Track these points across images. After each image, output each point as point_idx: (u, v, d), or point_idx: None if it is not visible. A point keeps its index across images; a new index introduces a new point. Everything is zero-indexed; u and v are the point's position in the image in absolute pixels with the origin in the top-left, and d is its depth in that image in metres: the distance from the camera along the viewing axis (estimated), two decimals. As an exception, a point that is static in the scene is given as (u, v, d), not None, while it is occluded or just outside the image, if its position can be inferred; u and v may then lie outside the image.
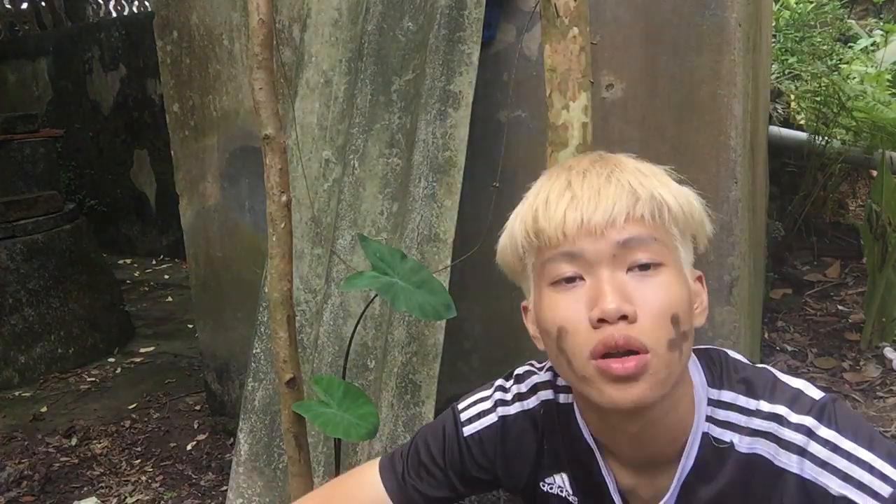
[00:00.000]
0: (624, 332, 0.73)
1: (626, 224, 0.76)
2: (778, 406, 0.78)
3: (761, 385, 0.81)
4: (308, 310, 2.01)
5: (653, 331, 0.74)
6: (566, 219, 0.77)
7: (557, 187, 0.81)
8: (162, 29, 2.55)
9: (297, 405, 1.47)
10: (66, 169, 6.05)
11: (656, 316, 0.74)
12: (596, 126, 1.34)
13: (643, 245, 0.76)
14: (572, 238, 0.77)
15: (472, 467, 0.96)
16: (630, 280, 0.76)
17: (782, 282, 3.46)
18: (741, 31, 1.74)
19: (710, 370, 0.84)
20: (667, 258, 0.78)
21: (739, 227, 1.82)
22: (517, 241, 0.83)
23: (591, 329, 0.75)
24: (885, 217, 2.82)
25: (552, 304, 0.79)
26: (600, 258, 0.76)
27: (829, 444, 0.74)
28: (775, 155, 3.61)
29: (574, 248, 0.77)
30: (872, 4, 5.21)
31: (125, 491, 2.45)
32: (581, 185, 0.79)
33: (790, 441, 0.76)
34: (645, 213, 0.77)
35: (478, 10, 1.86)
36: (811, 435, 0.75)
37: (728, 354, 0.86)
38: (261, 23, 1.38)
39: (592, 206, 0.77)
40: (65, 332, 3.66)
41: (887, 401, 2.57)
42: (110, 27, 5.82)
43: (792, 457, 0.76)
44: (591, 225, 0.76)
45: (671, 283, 0.77)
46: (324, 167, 2.04)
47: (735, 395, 0.81)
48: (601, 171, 0.80)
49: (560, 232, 0.77)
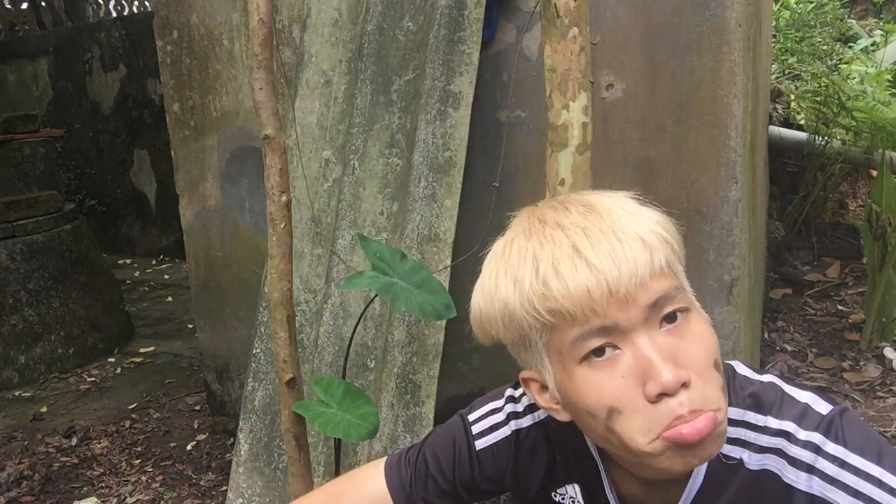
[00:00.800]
0: (689, 405, 0.69)
1: (653, 282, 0.70)
2: (786, 422, 0.77)
3: (769, 400, 0.80)
4: (308, 310, 2.01)
5: (708, 387, 0.70)
6: (591, 292, 0.69)
7: (563, 255, 0.71)
8: (162, 29, 2.55)
9: (297, 405, 1.47)
10: (66, 169, 6.05)
11: (705, 370, 0.71)
12: (596, 126, 1.34)
13: (671, 299, 0.72)
14: (603, 312, 0.70)
15: (481, 480, 0.95)
16: (667, 339, 0.71)
17: (782, 282, 3.46)
18: (741, 31, 1.74)
19: None
20: (689, 301, 0.74)
21: (739, 227, 1.82)
22: (517, 317, 0.74)
23: (650, 405, 0.69)
24: (885, 217, 2.82)
25: (593, 384, 0.72)
26: (634, 325, 0.70)
27: (838, 461, 0.74)
28: (775, 155, 3.61)
29: (607, 321, 0.70)
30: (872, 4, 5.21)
31: (125, 491, 2.45)
32: (591, 248, 0.71)
33: (798, 458, 0.75)
34: (662, 263, 0.71)
35: (478, 10, 1.86)
36: (819, 451, 0.75)
37: (735, 369, 0.85)
38: (261, 23, 1.38)
39: (616, 272, 0.69)
40: (65, 332, 3.66)
41: (887, 401, 2.57)
42: (110, 27, 5.82)
43: (801, 474, 0.75)
44: (620, 294, 0.69)
45: (703, 328, 0.73)
46: (324, 167, 2.04)
47: (743, 412, 0.80)
48: (601, 227, 0.72)
49: (587, 309, 0.70)
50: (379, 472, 0.99)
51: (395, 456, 1.01)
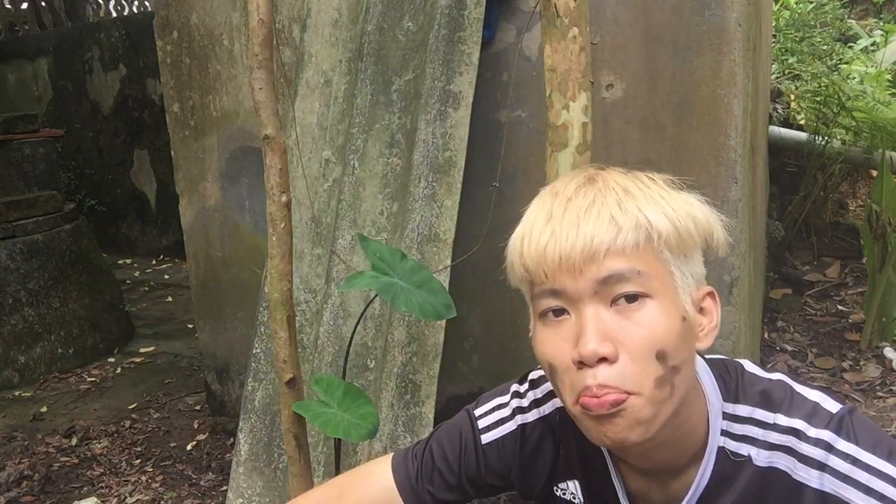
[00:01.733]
0: (601, 378, 0.72)
1: (607, 259, 0.73)
2: (795, 420, 0.78)
3: (778, 398, 0.80)
4: (308, 310, 2.01)
5: (636, 371, 0.72)
6: (546, 256, 0.74)
7: (540, 219, 0.77)
8: (162, 29, 2.55)
9: (297, 405, 1.47)
10: (66, 169, 6.05)
11: (639, 355, 0.72)
12: (596, 126, 1.34)
13: (625, 280, 0.73)
14: (552, 276, 0.74)
15: (487, 474, 0.96)
16: (613, 316, 0.73)
17: (782, 282, 3.46)
18: (741, 31, 1.74)
19: (725, 383, 0.83)
20: (654, 288, 0.74)
21: (739, 227, 1.82)
22: (513, 269, 0.80)
23: (575, 369, 0.73)
24: (885, 217, 2.82)
25: (542, 338, 0.78)
26: (582, 295, 0.74)
27: (850, 458, 0.74)
28: (775, 155, 3.61)
29: (556, 285, 0.74)
30: (872, 4, 5.21)
31: (125, 491, 2.45)
32: (562, 216, 0.75)
33: (809, 456, 0.76)
34: (627, 244, 0.73)
35: (478, 10, 1.86)
36: (831, 449, 0.75)
37: (744, 367, 0.85)
38: (261, 23, 1.38)
39: (570, 241, 0.73)
40: (65, 332, 3.66)
41: (887, 401, 2.57)
42: (110, 27, 5.82)
43: (812, 471, 0.76)
44: (569, 263, 0.73)
45: (657, 317, 0.73)
46: (324, 167, 2.04)
47: (752, 409, 0.80)
48: (584, 199, 0.76)
49: (542, 270, 0.75)
50: (386, 466, 0.99)
51: (402, 451, 1.01)
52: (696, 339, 0.78)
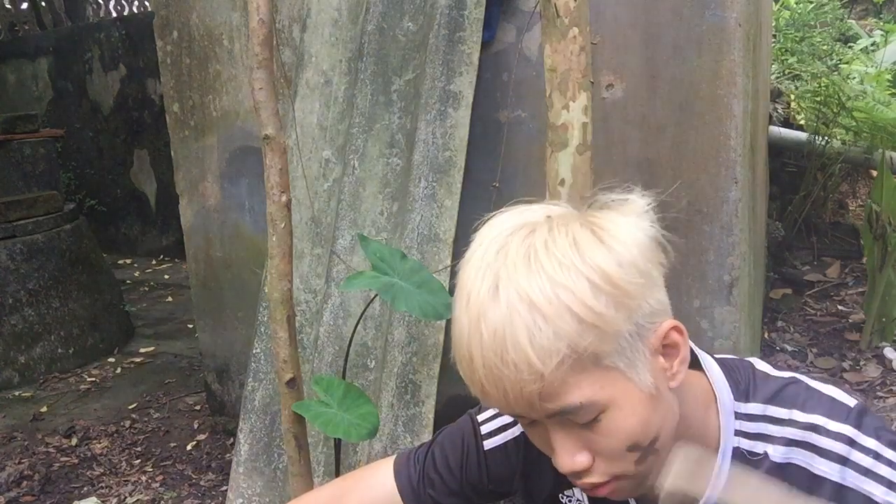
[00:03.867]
0: (585, 480, 0.73)
1: (543, 403, 0.67)
2: (814, 416, 0.77)
3: (792, 394, 0.80)
4: (308, 310, 2.01)
5: (615, 464, 0.72)
6: (488, 399, 0.70)
7: (463, 343, 0.69)
8: (162, 29, 2.55)
9: (297, 405, 1.47)
10: (66, 169, 6.04)
11: (614, 455, 0.71)
12: (596, 126, 1.34)
13: (572, 413, 0.69)
14: (502, 410, 0.73)
15: (489, 480, 0.95)
16: (579, 430, 0.71)
17: (782, 282, 3.46)
18: (741, 31, 1.74)
19: (735, 383, 0.83)
20: (607, 398, 0.68)
21: (739, 227, 1.82)
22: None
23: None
24: (885, 217, 2.82)
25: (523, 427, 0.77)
26: (539, 418, 0.71)
27: (872, 453, 0.75)
28: (775, 155, 3.61)
29: (511, 413, 0.72)
30: (872, 4, 5.21)
31: (125, 491, 2.45)
32: (480, 355, 0.67)
33: (830, 450, 0.76)
34: (556, 383, 0.66)
35: (478, 10, 1.86)
36: (853, 444, 0.75)
37: (754, 365, 0.85)
38: (261, 23, 1.38)
39: (502, 394, 0.68)
40: (65, 332, 3.66)
41: (887, 401, 2.57)
42: (110, 27, 5.82)
43: (833, 465, 0.75)
44: (510, 411, 0.71)
45: (621, 423, 0.70)
46: (324, 167, 2.04)
47: (764, 406, 0.80)
48: (495, 330, 0.66)
49: (490, 405, 0.72)
50: (388, 468, 0.99)
51: (404, 453, 1.01)
52: (667, 384, 0.74)
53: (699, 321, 1.87)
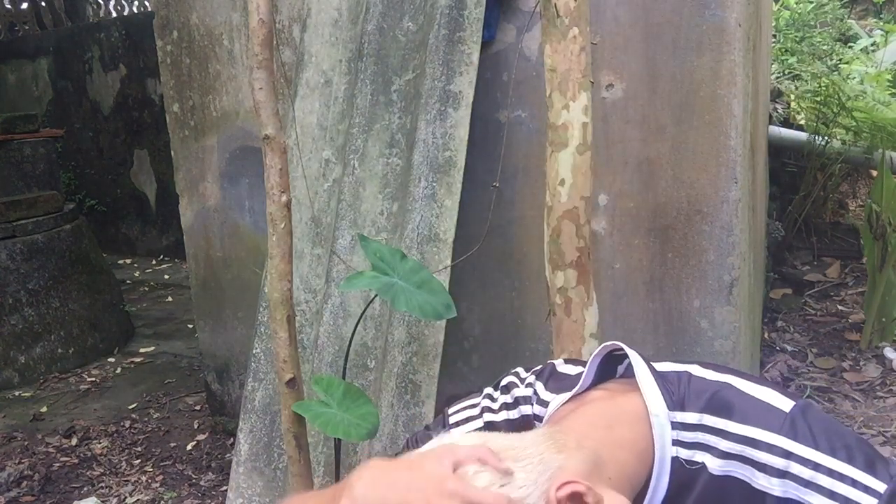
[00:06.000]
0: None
1: None
2: (747, 427, 0.77)
3: (725, 402, 0.79)
4: (308, 310, 2.01)
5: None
6: None
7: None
8: (162, 29, 2.55)
9: (297, 405, 1.47)
10: (66, 169, 6.05)
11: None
12: (596, 126, 1.34)
13: None
14: None
15: None
16: None
17: (782, 282, 3.46)
18: (741, 31, 1.74)
19: (669, 394, 0.82)
20: None
21: (739, 227, 1.82)
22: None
23: None
24: (885, 217, 2.82)
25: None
26: None
27: (810, 463, 0.74)
28: (775, 155, 3.61)
29: None
30: (872, 4, 5.21)
31: (125, 491, 2.45)
32: None
33: (767, 464, 0.75)
34: None
35: (478, 10, 1.86)
36: (790, 456, 0.74)
37: (691, 373, 0.84)
38: (261, 23, 1.38)
39: None
40: (65, 332, 3.66)
41: (887, 401, 2.57)
42: (110, 27, 5.82)
43: (773, 479, 0.75)
44: None
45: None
46: (324, 167, 2.04)
47: (700, 416, 0.79)
48: None
49: None
50: None
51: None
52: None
53: (699, 321, 1.87)
